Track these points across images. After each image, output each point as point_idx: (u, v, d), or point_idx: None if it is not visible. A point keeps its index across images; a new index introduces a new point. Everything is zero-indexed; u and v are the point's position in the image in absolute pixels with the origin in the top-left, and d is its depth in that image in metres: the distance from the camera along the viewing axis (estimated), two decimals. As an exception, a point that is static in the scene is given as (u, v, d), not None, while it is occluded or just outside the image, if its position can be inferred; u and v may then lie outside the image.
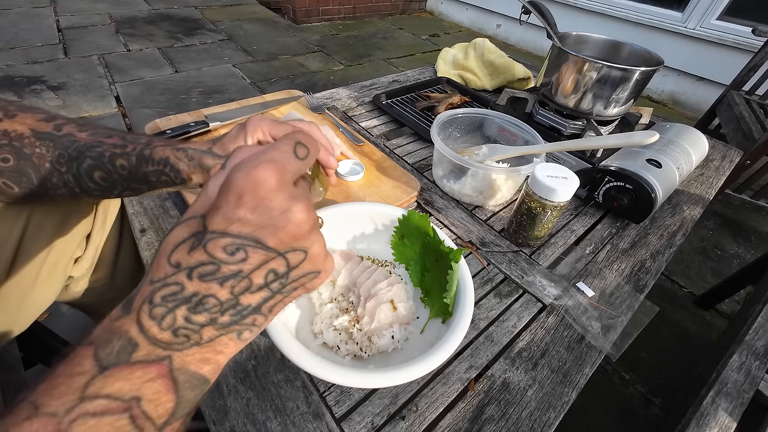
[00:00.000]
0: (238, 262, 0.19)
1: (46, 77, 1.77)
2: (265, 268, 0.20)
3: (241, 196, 0.19)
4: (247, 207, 0.19)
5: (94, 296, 0.57)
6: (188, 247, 0.19)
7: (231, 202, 0.19)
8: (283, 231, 0.20)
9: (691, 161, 0.62)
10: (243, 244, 0.19)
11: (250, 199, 0.19)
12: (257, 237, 0.19)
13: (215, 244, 0.19)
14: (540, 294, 0.47)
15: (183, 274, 0.19)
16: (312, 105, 0.75)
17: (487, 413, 0.36)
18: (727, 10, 2.04)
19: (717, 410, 0.43)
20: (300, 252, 0.21)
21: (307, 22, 2.94)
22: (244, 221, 0.19)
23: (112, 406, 0.16)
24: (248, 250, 0.19)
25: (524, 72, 0.94)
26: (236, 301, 0.20)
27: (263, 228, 0.19)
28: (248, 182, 0.19)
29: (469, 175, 0.57)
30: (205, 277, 0.19)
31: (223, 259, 0.19)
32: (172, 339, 0.18)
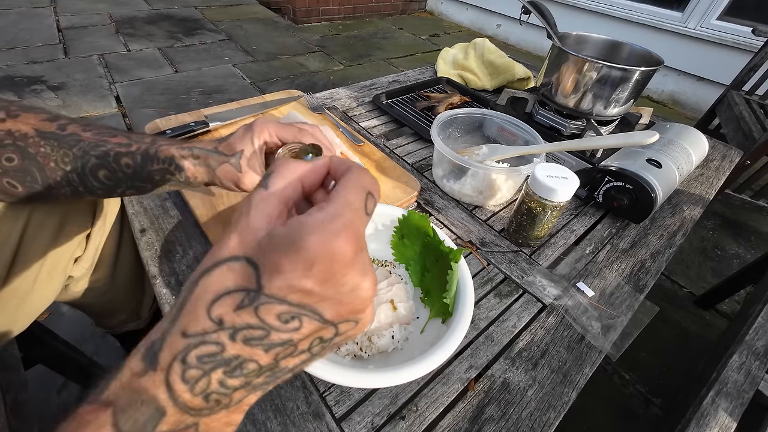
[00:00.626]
0: (290, 331, 0.17)
1: (46, 77, 1.77)
2: (313, 336, 0.18)
3: (313, 265, 0.16)
4: (316, 279, 0.17)
5: (94, 296, 0.57)
6: (235, 303, 0.17)
7: (299, 270, 0.16)
8: (346, 306, 0.18)
9: (691, 161, 0.62)
10: (298, 314, 0.17)
11: (322, 271, 0.17)
12: (317, 309, 0.18)
13: (269, 310, 0.17)
14: (540, 294, 0.47)
15: (225, 334, 0.16)
16: (312, 105, 0.75)
17: (487, 413, 0.36)
18: (727, 10, 2.04)
19: (717, 410, 0.43)
20: (352, 322, 0.19)
21: (307, 22, 2.94)
22: (309, 293, 0.17)
23: None
24: (303, 320, 0.17)
25: (524, 72, 0.94)
26: (276, 365, 0.18)
27: (326, 301, 0.18)
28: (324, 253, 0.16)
29: (469, 175, 0.57)
30: (250, 341, 0.17)
31: (275, 326, 0.17)
32: (202, 404, 0.17)
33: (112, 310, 0.64)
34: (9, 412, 0.42)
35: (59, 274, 0.48)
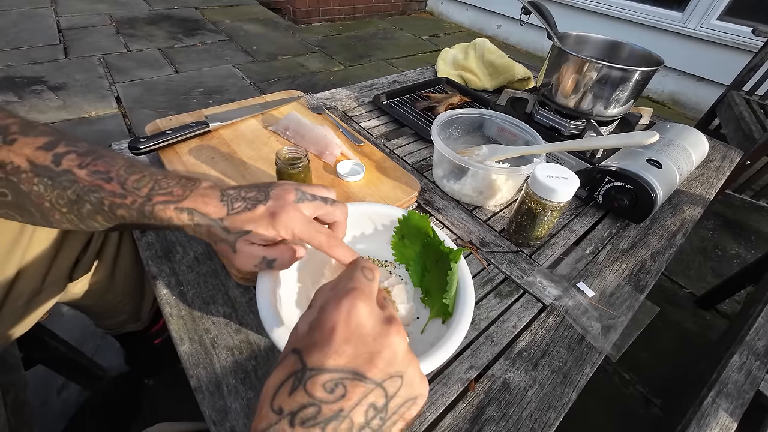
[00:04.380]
0: (338, 400, 0.19)
1: (46, 77, 1.77)
2: (365, 402, 0.19)
3: (335, 328, 0.20)
4: (341, 338, 0.20)
5: (94, 297, 0.57)
6: (289, 388, 0.19)
7: (326, 336, 0.20)
8: (379, 357, 0.20)
9: (691, 161, 0.62)
10: (341, 379, 0.19)
11: (343, 329, 0.20)
12: (354, 368, 0.19)
13: (314, 382, 0.19)
14: (540, 294, 0.47)
15: (286, 422, 0.18)
16: (312, 105, 0.75)
17: (487, 413, 0.36)
18: (727, 11, 2.04)
19: (717, 411, 0.43)
20: (396, 378, 0.20)
21: (307, 23, 2.94)
22: (340, 353, 0.19)
23: None
24: (347, 384, 0.19)
25: (524, 72, 0.94)
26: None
27: (359, 357, 0.20)
28: (339, 314, 0.20)
29: (469, 175, 0.57)
30: (307, 422, 0.18)
31: (323, 398, 0.18)
32: None
33: (111, 310, 0.64)
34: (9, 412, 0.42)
35: (63, 276, 0.48)
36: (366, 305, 0.21)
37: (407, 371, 0.21)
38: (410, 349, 0.22)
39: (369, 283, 0.23)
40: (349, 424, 0.19)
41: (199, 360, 0.37)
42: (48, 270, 0.45)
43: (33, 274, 0.43)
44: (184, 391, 0.35)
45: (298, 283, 0.40)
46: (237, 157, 0.59)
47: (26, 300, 0.44)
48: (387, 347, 0.20)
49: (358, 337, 0.20)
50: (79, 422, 0.72)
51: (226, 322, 0.40)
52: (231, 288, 0.43)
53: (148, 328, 0.73)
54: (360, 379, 0.19)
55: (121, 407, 0.75)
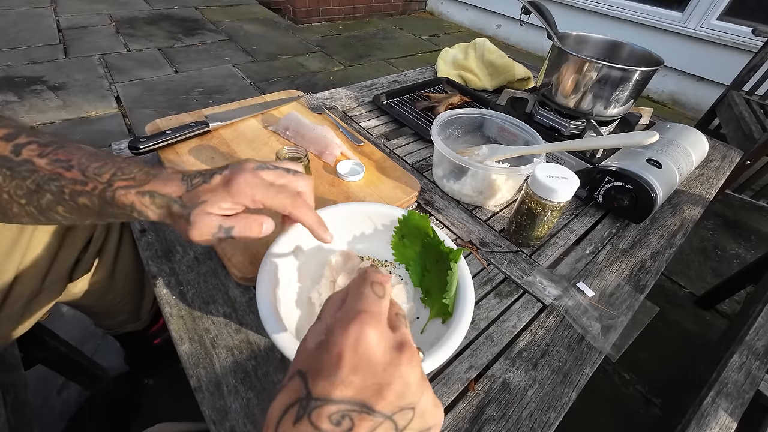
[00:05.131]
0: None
1: (46, 77, 1.77)
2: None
3: (342, 355, 0.18)
4: (348, 367, 0.18)
5: (94, 297, 0.57)
6: (294, 417, 0.18)
7: (333, 364, 0.18)
8: (389, 389, 0.18)
9: (691, 161, 0.62)
10: (348, 411, 0.18)
11: (351, 358, 0.18)
12: (362, 400, 0.18)
13: (320, 414, 0.17)
14: (540, 294, 0.47)
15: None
16: (312, 105, 0.75)
17: (487, 413, 0.36)
18: (727, 11, 2.04)
19: (717, 410, 0.43)
20: (408, 411, 0.19)
21: (307, 23, 2.94)
22: (347, 383, 0.18)
23: None
24: (353, 417, 0.18)
25: (524, 72, 0.94)
26: None
27: (367, 388, 0.18)
28: (347, 341, 0.19)
29: (469, 175, 0.57)
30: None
31: (328, 430, 0.17)
32: None
33: (111, 310, 0.64)
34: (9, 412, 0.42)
35: (63, 277, 0.48)
36: (376, 331, 0.19)
37: (420, 402, 0.20)
38: (424, 376, 0.21)
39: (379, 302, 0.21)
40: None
41: (199, 360, 0.37)
42: (48, 270, 0.45)
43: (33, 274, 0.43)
44: (184, 391, 0.35)
45: (298, 283, 0.40)
46: (237, 156, 0.59)
47: (26, 300, 0.44)
48: (398, 378, 0.19)
49: (367, 366, 0.19)
50: (79, 422, 0.72)
51: (226, 322, 0.40)
52: (231, 288, 0.43)
53: (148, 327, 0.73)
54: (368, 413, 0.18)
55: (121, 407, 0.75)
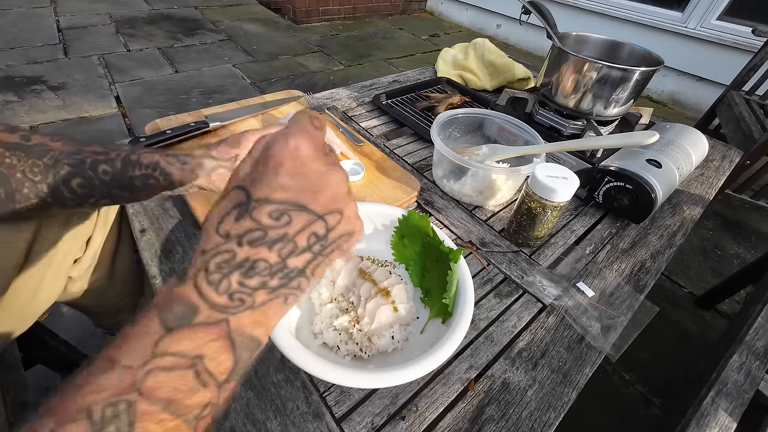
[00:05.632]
0: (283, 226, 0.20)
1: (46, 77, 1.77)
2: (308, 230, 0.21)
3: (282, 163, 0.21)
4: (286, 173, 0.21)
5: (93, 297, 0.57)
6: (235, 216, 0.20)
7: (272, 171, 0.21)
8: (322, 193, 0.21)
9: (691, 161, 0.62)
10: (286, 209, 0.20)
11: (290, 165, 0.21)
12: (299, 201, 0.21)
13: (260, 212, 0.20)
14: (540, 294, 0.47)
15: (234, 242, 0.20)
16: (312, 105, 0.75)
17: (487, 413, 0.36)
18: (727, 10, 2.04)
19: (717, 410, 0.43)
20: (337, 213, 0.22)
21: (307, 23, 2.94)
22: (286, 187, 0.20)
23: (180, 363, 0.18)
24: (292, 215, 0.20)
25: (524, 72, 0.94)
26: (284, 264, 0.21)
27: (303, 192, 0.21)
28: (286, 151, 0.21)
29: (469, 175, 0.57)
30: (254, 243, 0.20)
31: (269, 224, 0.20)
32: (228, 303, 0.20)
33: (110, 310, 0.64)
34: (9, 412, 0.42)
35: (62, 276, 0.48)
36: (312, 145, 0.22)
37: (347, 209, 0.23)
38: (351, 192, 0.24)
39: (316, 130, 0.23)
40: (293, 247, 0.21)
41: (198, 360, 0.37)
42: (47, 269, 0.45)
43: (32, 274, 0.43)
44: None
45: (298, 282, 0.40)
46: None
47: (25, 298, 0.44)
48: (330, 186, 0.22)
49: (303, 173, 0.21)
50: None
51: (225, 322, 0.40)
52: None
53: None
54: (304, 210, 0.21)
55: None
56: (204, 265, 0.20)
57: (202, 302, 0.19)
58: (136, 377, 0.17)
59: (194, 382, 0.18)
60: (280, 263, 0.21)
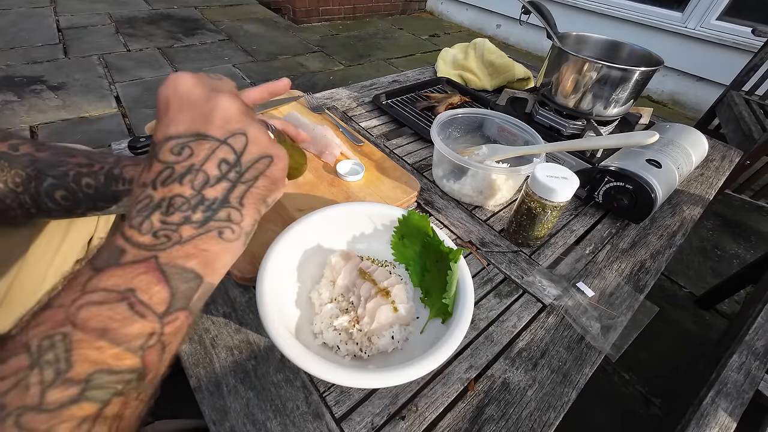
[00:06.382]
0: (187, 158, 0.21)
1: (46, 77, 1.77)
2: (214, 158, 0.22)
3: (168, 102, 0.22)
4: (174, 108, 0.22)
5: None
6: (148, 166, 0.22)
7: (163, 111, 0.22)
8: (214, 116, 0.22)
9: (691, 161, 0.62)
10: (185, 142, 0.21)
11: (175, 100, 0.22)
12: (194, 130, 0.21)
13: (164, 150, 0.21)
14: (540, 294, 0.47)
15: (149, 188, 0.21)
16: (312, 105, 0.75)
17: (487, 413, 0.36)
18: (727, 11, 2.04)
19: (717, 410, 0.43)
20: (240, 135, 0.22)
21: (307, 23, 2.94)
22: (177, 120, 0.21)
23: (110, 297, 0.19)
24: (192, 146, 0.21)
25: (524, 72, 0.94)
26: (201, 196, 0.21)
27: (195, 121, 0.22)
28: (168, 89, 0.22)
29: (469, 175, 0.57)
30: (165, 181, 0.21)
31: (173, 160, 0.21)
32: (153, 241, 0.20)
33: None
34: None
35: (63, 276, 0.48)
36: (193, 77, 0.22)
37: (249, 130, 0.23)
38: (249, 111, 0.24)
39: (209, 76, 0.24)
40: (204, 177, 0.21)
41: (198, 359, 0.37)
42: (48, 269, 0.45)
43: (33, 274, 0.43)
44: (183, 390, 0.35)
45: (298, 283, 0.40)
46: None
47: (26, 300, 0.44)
48: (219, 107, 0.22)
49: (190, 103, 0.22)
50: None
51: (225, 322, 0.40)
52: (231, 288, 0.43)
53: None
54: (203, 138, 0.21)
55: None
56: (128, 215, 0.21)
57: (127, 244, 0.20)
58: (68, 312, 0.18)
59: (129, 313, 0.19)
60: (196, 195, 0.21)
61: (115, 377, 0.18)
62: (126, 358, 0.18)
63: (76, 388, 0.17)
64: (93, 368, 0.17)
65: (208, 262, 0.22)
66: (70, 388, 0.17)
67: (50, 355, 0.17)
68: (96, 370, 0.17)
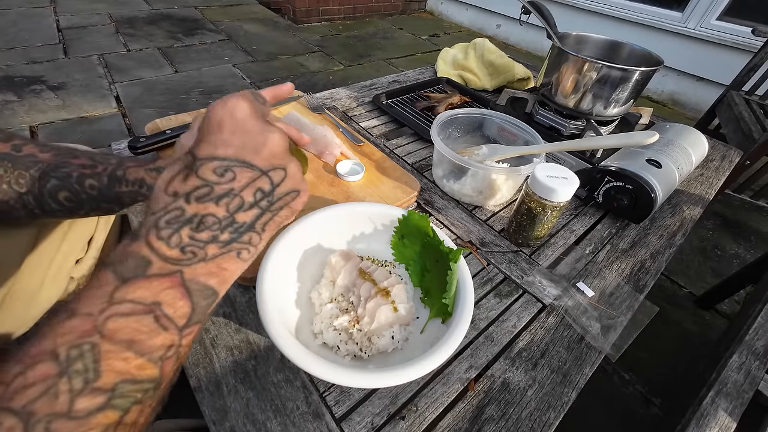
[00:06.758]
0: (228, 182, 0.21)
1: (45, 77, 1.77)
2: (253, 186, 0.22)
3: (221, 123, 0.22)
4: (227, 131, 0.22)
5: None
6: (182, 177, 0.21)
7: (213, 130, 0.22)
8: (263, 149, 0.23)
9: (690, 161, 0.62)
10: (230, 165, 0.22)
11: (229, 124, 0.22)
12: (242, 157, 0.22)
13: (206, 169, 0.21)
14: (540, 294, 0.47)
15: (182, 200, 0.21)
16: (312, 105, 0.75)
17: (487, 413, 0.36)
18: (726, 11, 2.04)
19: (717, 410, 0.43)
20: (280, 170, 0.23)
21: (307, 22, 2.94)
22: (228, 144, 0.22)
23: (137, 309, 0.19)
24: (236, 170, 0.22)
25: (524, 72, 0.94)
26: (233, 218, 0.22)
27: (245, 149, 0.22)
28: (225, 111, 0.22)
29: (469, 175, 0.57)
30: (201, 198, 0.21)
31: (214, 180, 0.21)
32: (180, 256, 0.21)
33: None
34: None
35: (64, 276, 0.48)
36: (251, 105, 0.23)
37: (289, 166, 0.24)
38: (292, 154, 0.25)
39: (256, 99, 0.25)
40: (240, 201, 0.22)
41: (198, 359, 0.37)
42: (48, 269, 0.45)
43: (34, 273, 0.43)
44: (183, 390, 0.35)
45: (298, 283, 0.40)
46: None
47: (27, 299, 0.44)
48: (270, 142, 0.23)
49: (244, 130, 0.22)
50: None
51: (225, 322, 0.40)
52: (231, 288, 0.43)
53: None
54: (247, 167, 0.22)
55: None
56: (155, 223, 0.21)
57: (154, 256, 0.20)
58: (96, 322, 0.18)
59: (154, 326, 0.19)
60: (228, 218, 0.22)
61: (137, 386, 0.18)
62: (148, 368, 0.19)
63: (103, 397, 0.17)
64: (119, 378, 0.18)
65: (225, 280, 0.23)
66: (98, 396, 0.17)
67: (79, 365, 0.17)
68: (121, 379, 0.18)
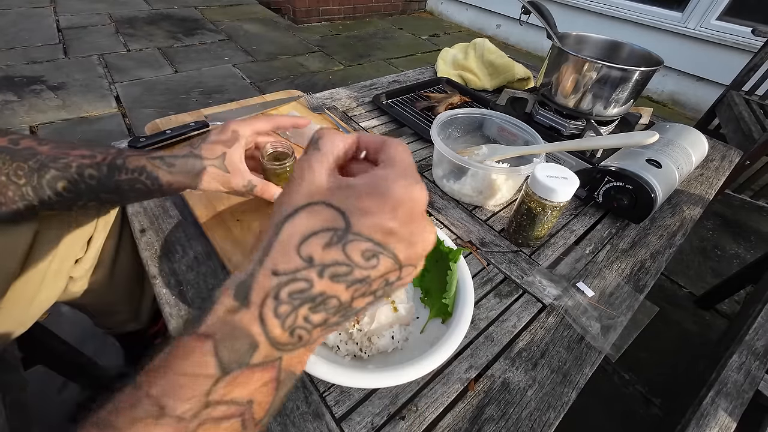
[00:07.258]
0: (369, 268, 0.19)
1: (45, 77, 1.77)
2: (384, 278, 0.20)
3: (397, 208, 0.19)
4: (400, 221, 0.19)
5: (93, 296, 0.57)
6: (324, 242, 0.18)
7: (387, 212, 0.19)
8: (416, 250, 0.20)
9: (690, 161, 0.62)
10: (380, 253, 0.19)
11: (406, 215, 0.19)
12: (394, 249, 0.19)
13: (356, 247, 0.18)
14: (540, 294, 0.47)
15: (315, 271, 0.18)
16: (312, 105, 0.75)
17: (487, 413, 0.36)
18: (727, 11, 2.04)
19: (717, 410, 0.43)
20: (412, 268, 0.21)
21: (307, 22, 2.94)
22: (392, 233, 0.19)
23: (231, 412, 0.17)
24: (381, 258, 0.19)
25: (524, 72, 0.94)
26: (350, 303, 0.19)
27: (402, 242, 0.19)
28: (407, 198, 0.19)
29: (469, 175, 0.57)
30: (336, 277, 0.18)
31: (359, 263, 0.18)
32: (288, 340, 0.18)
33: (111, 310, 0.64)
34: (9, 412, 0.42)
35: (63, 276, 0.48)
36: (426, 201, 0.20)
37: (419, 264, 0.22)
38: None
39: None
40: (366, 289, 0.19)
41: (198, 360, 0.37)
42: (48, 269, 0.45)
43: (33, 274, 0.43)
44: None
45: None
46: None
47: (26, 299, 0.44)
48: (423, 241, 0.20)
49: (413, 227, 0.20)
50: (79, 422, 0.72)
51: (225, 322, 0.40)
52: (231, 288, 0.43)
53: (147, 327, 0.73)
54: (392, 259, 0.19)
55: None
56: (276, 291, 0.17)
57: (264, 339, 0.17)
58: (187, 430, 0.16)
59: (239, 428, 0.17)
60: (349, 303, 0.19)
61: None
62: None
63: None
64: None
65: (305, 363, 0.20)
66: None
67: None
68: None
